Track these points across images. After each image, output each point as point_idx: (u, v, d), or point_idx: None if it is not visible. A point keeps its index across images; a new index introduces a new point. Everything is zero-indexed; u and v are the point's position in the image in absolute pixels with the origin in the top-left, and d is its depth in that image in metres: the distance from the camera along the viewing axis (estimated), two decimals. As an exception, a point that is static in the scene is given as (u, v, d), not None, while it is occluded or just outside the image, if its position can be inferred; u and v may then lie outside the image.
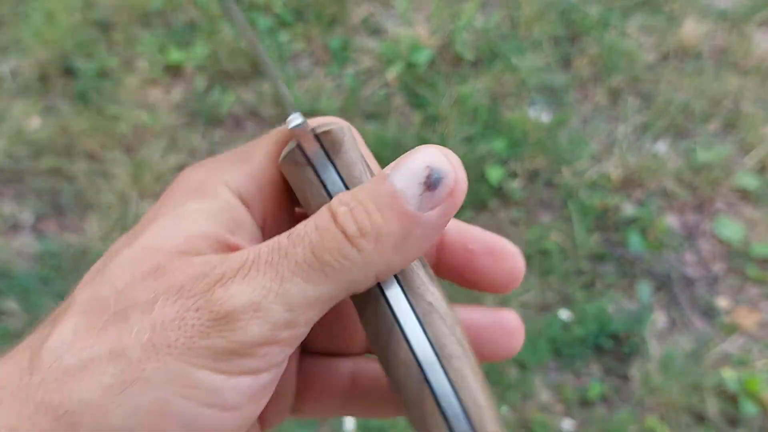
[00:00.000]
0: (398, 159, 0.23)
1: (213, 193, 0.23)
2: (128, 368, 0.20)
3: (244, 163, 0.25)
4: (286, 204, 0.27)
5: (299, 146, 0.25)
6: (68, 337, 0.22)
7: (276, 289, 0.20)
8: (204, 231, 0.23)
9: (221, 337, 0.20)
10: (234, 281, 0.20)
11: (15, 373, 0.22)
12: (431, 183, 0.21)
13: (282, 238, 0.21)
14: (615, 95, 1.72)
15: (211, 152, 1.60)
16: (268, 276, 0.20)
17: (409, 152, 0.23)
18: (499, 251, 0.28)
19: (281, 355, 0.21)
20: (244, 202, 0.24)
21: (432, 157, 0.22)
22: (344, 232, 0.21)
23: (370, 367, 0.29)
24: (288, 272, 0.20)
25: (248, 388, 0.21)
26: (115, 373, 0.20)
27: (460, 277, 0.29)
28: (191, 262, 0.21)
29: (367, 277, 0.21)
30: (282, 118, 0.25)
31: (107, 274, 0.24)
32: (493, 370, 1.37)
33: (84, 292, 0.25)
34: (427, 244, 0.22)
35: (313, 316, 0.21)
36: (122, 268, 0.23)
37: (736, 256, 1.51)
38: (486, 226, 0.36)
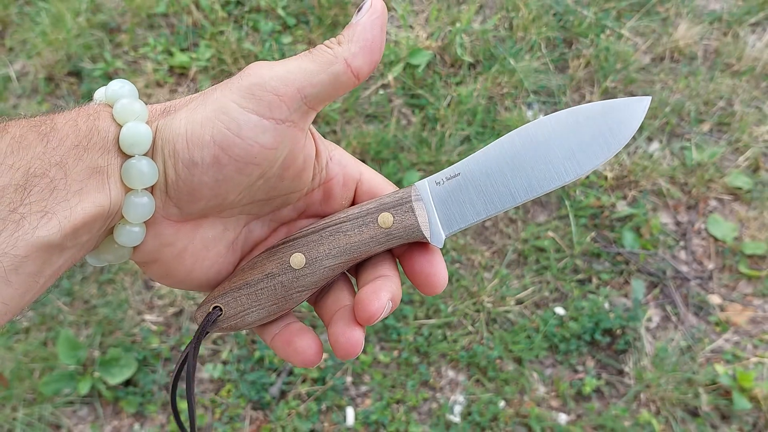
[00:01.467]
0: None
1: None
2: (202, 96, 0.36)
3: None
4: None
5: None
6: (183, 99, 0.38)
7: (286, 64, 0.35)
8: None
9: (246, 77, 0.35)
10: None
11: (158, 108, 0.38)
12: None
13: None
14: (610, 96, 1.75)
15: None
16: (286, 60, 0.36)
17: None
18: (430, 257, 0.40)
19: (281, 112, 0.34)
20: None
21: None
22: (326, 46, 0.36)
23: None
24: (295, 58, 0.36)
25: (258, 124, 0.34)
26: (191, 101, 0.36)
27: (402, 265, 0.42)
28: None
29: (339, 62, 0.35)
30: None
31: None
32: (490, 366, 1.40)
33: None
34: (371, 33, 0.36)
35: (310, 90, 0.35)
36: None
37: (729, 254, 1.54)
38: (484, 225, 0.39)
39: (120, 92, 0.36)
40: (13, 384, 1.36)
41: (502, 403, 1.36)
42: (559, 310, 1.47)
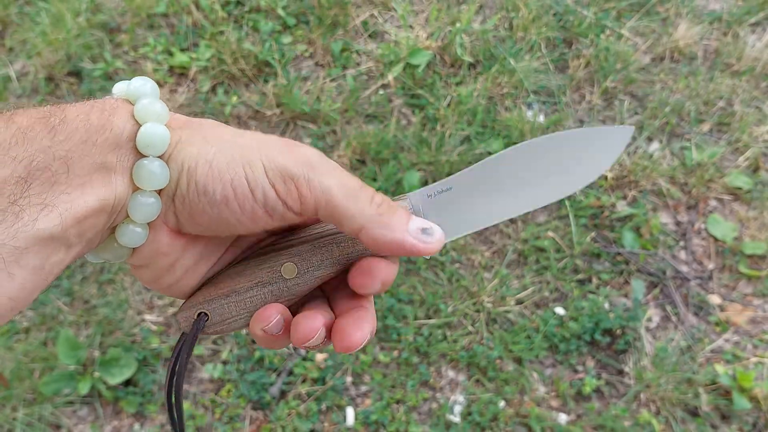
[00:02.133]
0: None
1: None
2: (238, 133, 0.37)
3: None
4: None
5: None
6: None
7: (324, 176, 0.36)
8: None
9: (288, 156, 0.35)
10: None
11: (180, 118, 0.38)
12: (427, 232, 0.37)
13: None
14: (610, 96, 1.75)
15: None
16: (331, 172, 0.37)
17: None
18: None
19: (296, 207, 0.36)
20: None
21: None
22: (372, 197, 0.36)
23: None
24: (337, 178, 0.36)
25: (272, 200, 0.35)
26: (227, 130, 0.37)
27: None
28: None
29: (361, 219, 0.35)
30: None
31: None
32: (490, 366, 1.40)
33: None
34: (388, 246, 0.36)
35: (325, 213, 0.36)
36: None
37: (729, 254, 1.54)
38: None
39: (142, 90, 0.36)
40: (13, 384, 1.36)
41: (502, 403, 1.36)
42: (559, 310, 1.47)
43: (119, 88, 0.37)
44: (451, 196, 0.41)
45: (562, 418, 1.36)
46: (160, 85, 1.75)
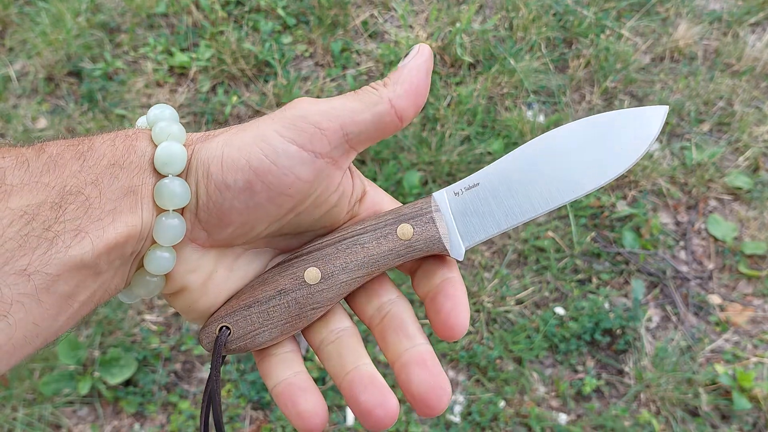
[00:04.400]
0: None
1: None
2: (243, 125, 0.36)
3: None
4: None
5: None
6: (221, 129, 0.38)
7: (331, 100, 0.36)
8: None
9: (290, 109, 0.35)
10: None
11: (197, 135, 0.38)
12: (413, 48, 0.38)
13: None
14: (610, 96, 1.75)
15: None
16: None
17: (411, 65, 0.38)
18: (446, 313, 0.37)
19: (322, 146, 0.35)
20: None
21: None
22: (371, 86, 0.37)
23: None
24: (340, 97, 0.36)
25: (297, 155, 0.34)
26: (231, 129, 0.36)
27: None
28: None
29: (385, 96, 0.36)
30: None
31: None
32: (490, 366, 1.40)
33: None
34: (416, 77, 0.37)
35: (353, 128, 0.35)
36: None
37: (729, 254, 1.54)
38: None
39: (160, 115, 0.37)
40: (13, 384, 1.36)
41: (502, 403, 1.36)
42: (559, 310, 1.47)
43: (141, 120, 0.38)
44: (479, 192, 0.39)
45: (562, 418, 1.36)
46: (159, 85, 1.75)
